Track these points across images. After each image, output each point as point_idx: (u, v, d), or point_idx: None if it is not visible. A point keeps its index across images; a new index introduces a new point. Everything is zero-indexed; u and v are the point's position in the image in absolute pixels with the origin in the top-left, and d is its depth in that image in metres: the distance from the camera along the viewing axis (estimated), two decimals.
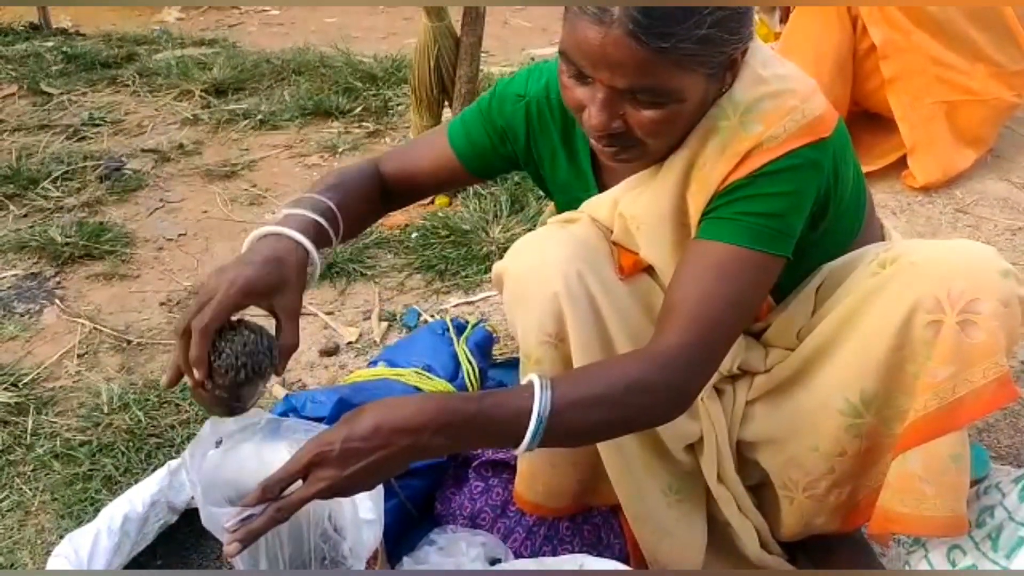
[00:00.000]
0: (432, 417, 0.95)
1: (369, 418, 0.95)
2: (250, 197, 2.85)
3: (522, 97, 1.28)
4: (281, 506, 0.95)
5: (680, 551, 1.34)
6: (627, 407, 1.03)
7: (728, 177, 1.10)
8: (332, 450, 0.93)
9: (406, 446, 0.95)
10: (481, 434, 0.99)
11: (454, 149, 1.32)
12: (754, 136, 1.08)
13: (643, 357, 1.05)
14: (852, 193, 1.22)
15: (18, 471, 1.76)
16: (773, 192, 1.08)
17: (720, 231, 1.09)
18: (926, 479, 1.09)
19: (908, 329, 1.10)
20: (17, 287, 2.37)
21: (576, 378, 1.05)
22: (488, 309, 2.24)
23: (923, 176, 2.65)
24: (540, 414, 0.96)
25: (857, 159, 1.25)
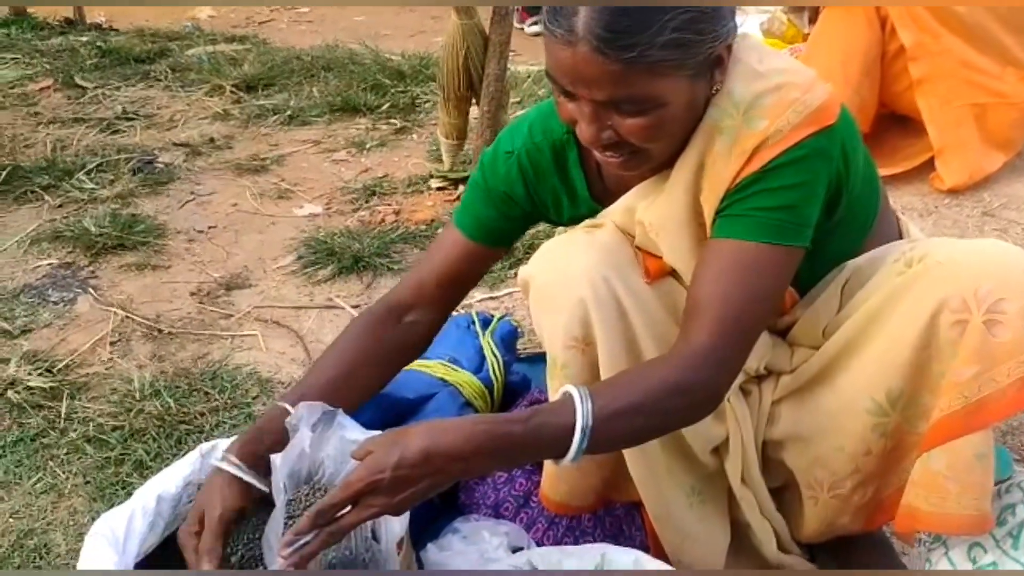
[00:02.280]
0: (481, 443, 0.99)
1: (419, 443, 0.98)
2: (278, 191, 2.90)
3: (511, 153, 1.29)
4: (333, 531, 1.00)
5: (702, 552, 1.35)
6: (665, 412, 1.06)
7: (738, 175, 1.11)
8: (383, 479, 0.97)
9: (456, 471, 1.00)
10: (528, 453, 1.03)
11: (467, 235, 1.32)
12: (759, 132, 1.10)
13: (674, 360, 1.08)
14: (864, 179, 1.22)
15: (52, 454, 1.80)
16: (784, 185, 1.09)
17: (735, 229, 1.11)
18: (951, 477, 1.10)
19: (934, 328, 1.11)
20: (52, 276, 2.42)
21: (613, 388, 1.08)
22: (512, 304, 2.26)
23: (951, 179, 2.63)
24: (584, 428, 1.00)
25: (865, 145, 1.25)
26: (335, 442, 1.15)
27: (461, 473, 1.01)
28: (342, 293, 2.33)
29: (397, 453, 0.97)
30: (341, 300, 2.29)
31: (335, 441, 1.15)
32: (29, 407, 1.90)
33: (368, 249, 2.46)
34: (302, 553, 0.99)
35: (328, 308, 2.28)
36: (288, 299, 2.32)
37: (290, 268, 2.46)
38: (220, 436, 1.80)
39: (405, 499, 0.98)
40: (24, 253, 2.53)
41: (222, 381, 1.98)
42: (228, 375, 2.00)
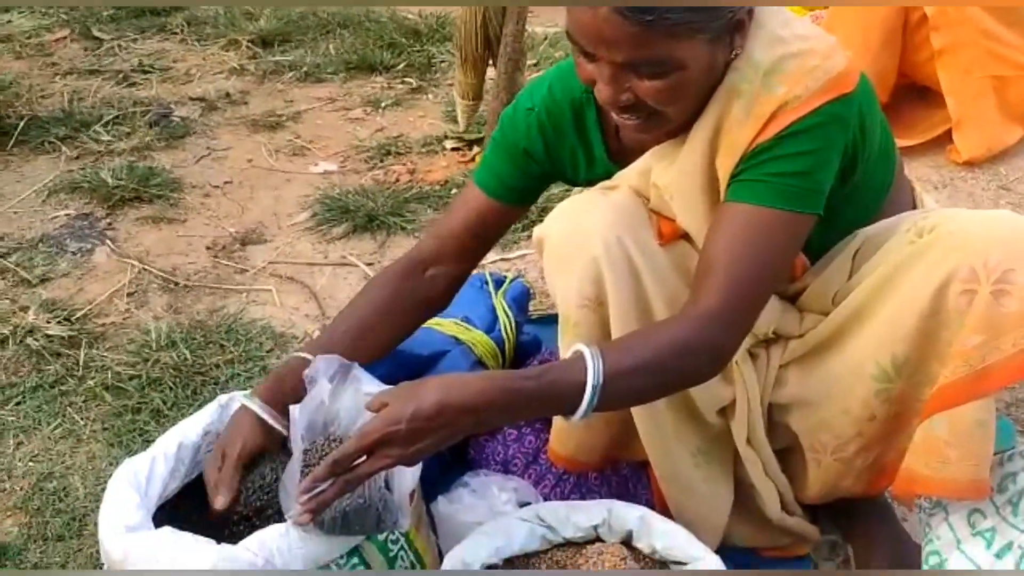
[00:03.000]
0: (494, 397, 1.02)
1: (433, 396, 1.01)
2: (293, 148, 2.90)
3: (531, 110, 1.32)
4: (349, 479, 1.03)
5: (705, 510, 1.38)
6: (673, 371, 1.09)
7: (755, 140, 1.12)
8: (399, 430, 1.00)
9: (469, 424, 1.03)
10: (539, 409, 1.07)
11: (487, 192, 1.35)
12: (778, 97, 1.10)
13: (683, 321, 1.10)
14: (880, 148, 1.23)
15: (70, 401, 1.84)
16: (799, 151, 1.10)
17: (749, 193, 1.12)
18: (951, 443, 1.11)
19: (942, 297, 1.12)
20: (70, 226, 2.44)
21: (624, 347, 1.11)
22: (524, 266, 2.28)
23: (967, 151, 2.62)
24: (594, 386, 1.02)
25: (884, 114, 1.25)
26: (351, 395, 1.18)
27: (473, 426, 1.04)
28: (356, 251, 2.35)
29: (412, 406, 1.00)
30: (355, 258, 2.31)
31: (351, 394, 1.18)
32: (48, 354, 1.94)
33: (382, 208, 2.47)
34: (319, 500, 1.03)
35: (342, 265, 2.30)
36: (302, 255, 2.34)
37: (305, 225, 2.48)
38: (235, 388, 1.83)
39: (419, 450, 1.01)
40: (42, 203, 2.55)
41: (237, 334, 2.01)
42: (243, 328, 2.03)
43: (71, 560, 1.51)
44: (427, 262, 1.37)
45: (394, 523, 1.14)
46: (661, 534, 1.15)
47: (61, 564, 1.50)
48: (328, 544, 1.13)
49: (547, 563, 1.17)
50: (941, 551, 1.20)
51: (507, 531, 1.17)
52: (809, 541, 1.45)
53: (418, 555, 1.24)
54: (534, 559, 1.17)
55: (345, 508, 1.11)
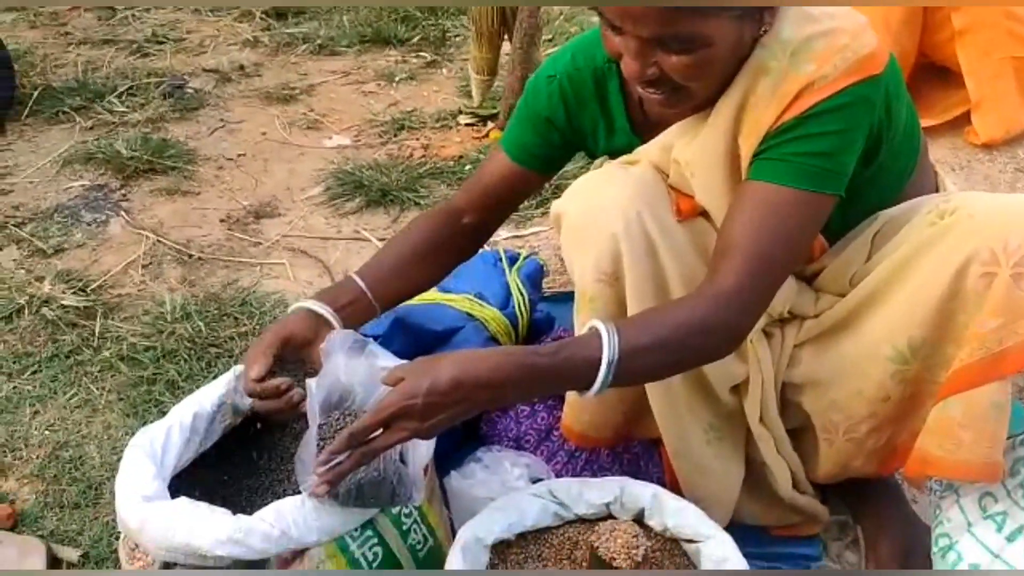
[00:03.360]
0: (510, 373, 1.02)
1: (449, 371, 1.01)
2: (308, 121, 2.90)
3: (552, 77, 1.32)
4: (365, 452, 1.04)
5: (716, 487, 1.39)
6: (688, 349, 1.09)
7: (779, 118, 1.11)
8: (415, 404, 1.00)
9: (484, 399, 1.03)
10: (554, 384, 1.07)
11: (512, 158, 1.37)
12: (805, 76, 1.09)
13: (699, 299, 1.10)
14: (905, 131, 1.22)
15: (85, 371, 1.85)
16: (824, 132, 1.09)
17: (771, 172, 1.11)
18: (965, 425, 1.11)
19: (962, 280, 1.12)
20: (84, 197, 2.45)
21: (640, 323, 1.11)
22: (538, 243, 2.27)
23: (985, 133, 2.60)
24: (609, 362, 1.03)
25: (911, 98, 1.25)
26: (366, 369, 1.18)
27: (489, 401, 1.04)
28: (369, 226, 2.35)
29: (428, 380, 1.01)
30: (368, 233, 2.32)
31: (366, 368, 1.18)
32: (63, 325, 1.95)
33: (396, 183, 2.47)
34: (336, 472, 1.04)
35: (355, 240, 2.30)
36: (316, 229, 2.35)
37: (318, 199, 2.48)
38: None
39: (435, 424, 1.02)
40: (57, 173, 2.56)
41: (251, 307, 2.02)
42: (257, 302, 2.04)
43: (87, 528, 1.53)
44: (461, 212, 1.41)
45: (408, 497, 1.15)
46: (673, 512, 1.16)
47: (77, 531, 1.52)
48: (343, 516, 1.14)
49: (559, 539, 1.18)
50: (951, 534, 1.20)
51: (520, 507, 1.18)
52: (819, 521, 1.45)
53: (431, 529, 1.25)
54: (546, 535, 1.18)
55: (360, 481, 1.11)
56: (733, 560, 1.10)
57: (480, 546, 1.12)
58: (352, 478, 1.10)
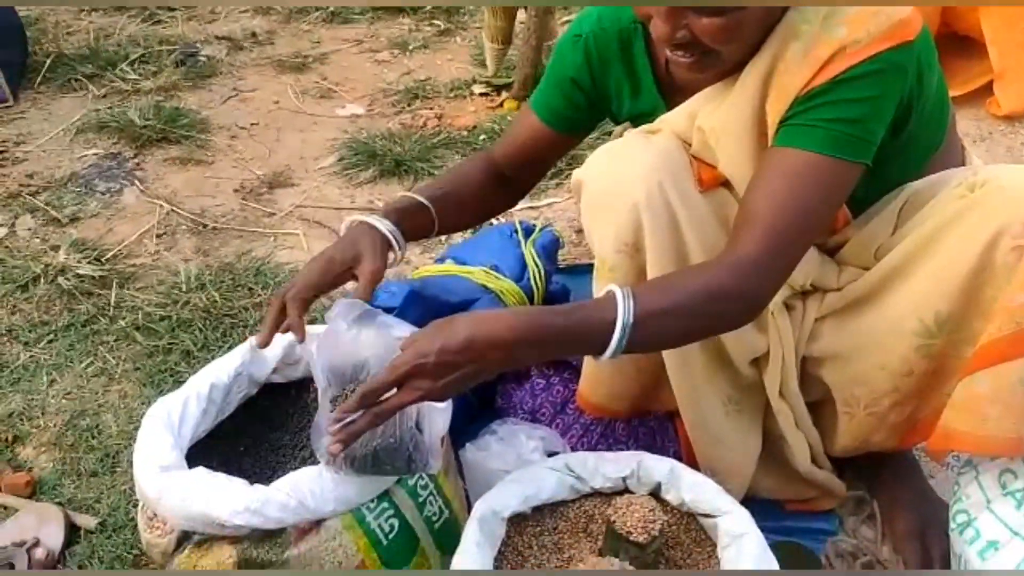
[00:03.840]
0: (523, 332, 1.00)
1: (462, 331, 0.99)
2: (320, 90, 2.88)
3: (579, 37, 1.31)
4: (379, 411, 1.02)
5: (733, 460, 1.38)
6: (705, 315, 1.06)
7: (809, 83, 1.08)
8: (428, 362, 0.99)
9: (498, 359, 1.00)
10: (568, 346, 1.04)
11: (541, 119, 1.38)
12: (837, 40, 1.07)
13: (719, 266, 1.07)
14: (935, 102, 1.20)
15: (102, 340, 1.86)
16: (854, 98, 1.07)
17: (798, 138, 1.09)
18: (992, 400, 1.09)
19: (991, 253, 1.10)
20: (98, 166, 2.45)
21: (656, 288, 1.09)
22: (552, 215, 2.26)
23: (1007, 104, 2.56)
24: (624, 325, 1.00)
25: (942, 69, 1.22)
26: (379, 339, 1.18)
27: (502, 361, 1.01)
28: (383, 196, 2.34)
29: (441, 339, 0.99)
30: (382, 203, 2.30)
31: (379, 338, 1.18)
32: (79, 294, 1.96)
33: (409, 153, 2.45)
34: (349, 431, 1.02)
35: (369, 210, 2.28)
36: (330, 199, 2.34)
37: (332, 169, 2.47)
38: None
39: (448, 384, 1.00)
40: (70, 142, 2.56)
41: (265, 277, 2.01)
42: (271, 272, 2.04)
43: (104, 496, 1.54)
44: (500, 165, 1.43)
45: (425, 464, 1.14)
46: (690, 486, 1.15)
47: (95, 499, 1.53)
48: (359, 487, 1.14)
49: (575, 512, 1.18)
50: (969, 511, 1.19)
51: (536, 480, 1.17)
52: (835, 496, 1.45)
53: (446, 501, 1.25)
54: (562, 508, 1.18)
55: (376, 446, 1.11)
56: (750, 535, 1.09)
57: (497, 519, 1.12)
58: (368, 444, 1.09)
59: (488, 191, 1.43)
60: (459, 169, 1.45)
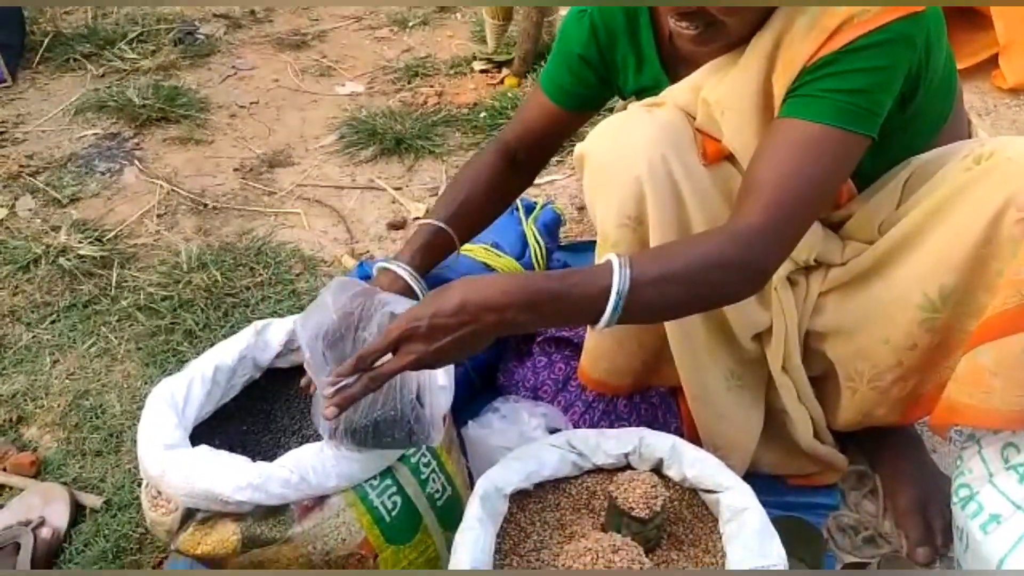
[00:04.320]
0: (517, 295, 0.98)
1: (456, 295, 0.98)
2: (320, 68, 2.86)
3: (584, 12, 1.30)
4: (374, 376, 1.01)
5: (735, 435, 1.38)
6: (704, 284, 1.04)
7: (816, 54, 1.07)
8: (420, 326, 0.98)
9: (491, 322, 0.99)
10: (563, 311, 1.02)
11: (550, 98, 1.37)
12: (845, 10, 1.05)
13: (721, 235, 1.06)
14: (943, 76, 1.18)
15: (104, 320, 1.86)
16: (862, 68, 1.05)
17: (804, 109, 1.08)
18: (997, 373, 1.08)
19: (997, 225, 1.09)
20: (98, 146, 2.44)
21: (654, 256, 1.08)
22: (554, 192, 2.25)
23: (1013, 77, 2.53)
24: (619, 291, 0.99)
25: (950, 47, 1.21)
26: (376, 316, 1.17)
27: (496, 324, 0.99)
28: (383, 175, 2.33)
29: (435, 304, 0.99)
30: (383, 182, 2.30)
31: (376, 315, 1.17)
32: (80, 274, 1.95)
33: (410, 131, 2.44)
34: (344, 395, 1.02)
35: (369, 189, 2.28)
36: (330, 178, 2.33)
37: (332, 147, 2.46)
38: (266, 310, 1.85)
39: (442, 348, 0.99)
40: (70, 122, 2.54)
41: (266, 257, 2.01)
42: (272, 251, 2.03)
43: (109, 475, 1.54)
44: (513, 148, 1.43)
45: (426, 437, 1.14)
46: (692, 462, 1.15)
47: (100, 479, 1.54)
48: (362, 463, 1.14)
49: (577, 488, 1.18)
50: (972, 484, 1.19)
51: (538, 457, 1.17)
52: (837, 470, 1.45)
53: (449, 478, 1.25)
54: (564, 484, 1.18)
55: (376, 417, 1.11)
56: (752, 509, 1.09)
57: (499, 495, 1.13)
58: (368, 415, 1.09)
59: (502, 182, 1.43)
60: (470, 169, 1.43)
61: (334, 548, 1.14)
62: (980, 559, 1.13)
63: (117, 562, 1.41)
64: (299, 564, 1.14)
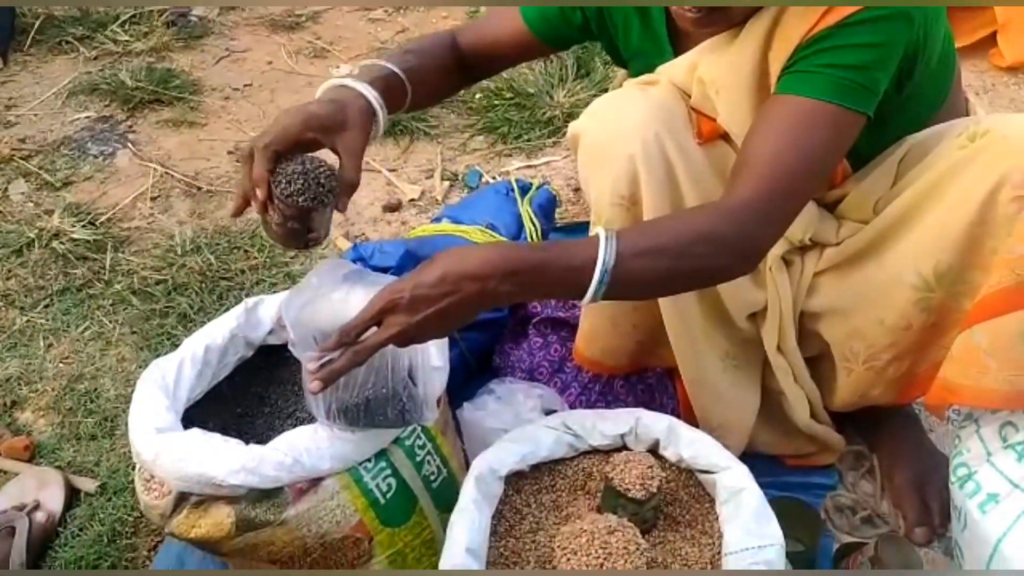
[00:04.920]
0: (498, 265, 0.97)
1: (437, 267, 0.97)
2: (314, 50, 2.83)
3: None
4: (358, 349, 1.00)
5: (732, 416, 1.38)
6: (693, 258, 1.02)
7: (813, 28, 1.05)
8: (402, 297, 0.97)
9: (473, 292, 0.97)
10: (547, 282, 1.00)
11: (527, 22, 1.30)
12: None
13: (712, 209, 1.05)
14: (941, 56, 1.17)
15: (98, 304, 1.85)
16: (858, 43, 1.03)
17: (800, 85, 1.06)
18: (991, 353, 1.08)
19: (992, 204, 1.08)
20: (90, 129, 2.42)
21: (642, 229, 1.07)
22: (550, 173, 2.24)
23: (1011, 55, 2.52)
24: (605, 263, 0.96)
25: (950, 27, 1.19)
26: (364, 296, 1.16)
27: (478, 295, 0.97)
28: (379, 156, 2.31)
29: (416, 276, 0.97)
30: (378, 164, 2.28)
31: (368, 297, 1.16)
32: (74, 258, 1.94)
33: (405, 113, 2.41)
34: (330, 369, 1.00)
35: (365, 171, 2.24)
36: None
37: None
38: (260, 292, 1.84)
39: (425, 320, 0.97)
40: (62, 105, 2.52)
41: (261, 240, 2.00)
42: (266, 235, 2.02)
43: (104, 459, 1.54)
44: (463, 50, 1.33)
45: (419, 416, 1.13)
46: (688, 443, 1.15)
47: (94, 463, 1.53)
48: (356, 445, 1.14)
49: (573, 470, 1.17)
50: (970, 464, 1.18)
51: (534, 438, 1.17)
52: (834, 451, 1.45)
53: (444, 460, 1.25)
54: (560, 466, 1.18)
55: (368, 396, 1.10)
56: (749, 490, 1.09)
57: (494, 477, 1.12)
58: (359, 393, 1.08)
59: (449, 72, 1.32)
60: (424, 44, 1.31)
61: (329, 531, 1.14)
62: (978, 539, 1.13)
63: (112, 546, 1.41)
64: (294, 547, 1.13)
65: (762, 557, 1.02)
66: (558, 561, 1.01)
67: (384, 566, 1.19)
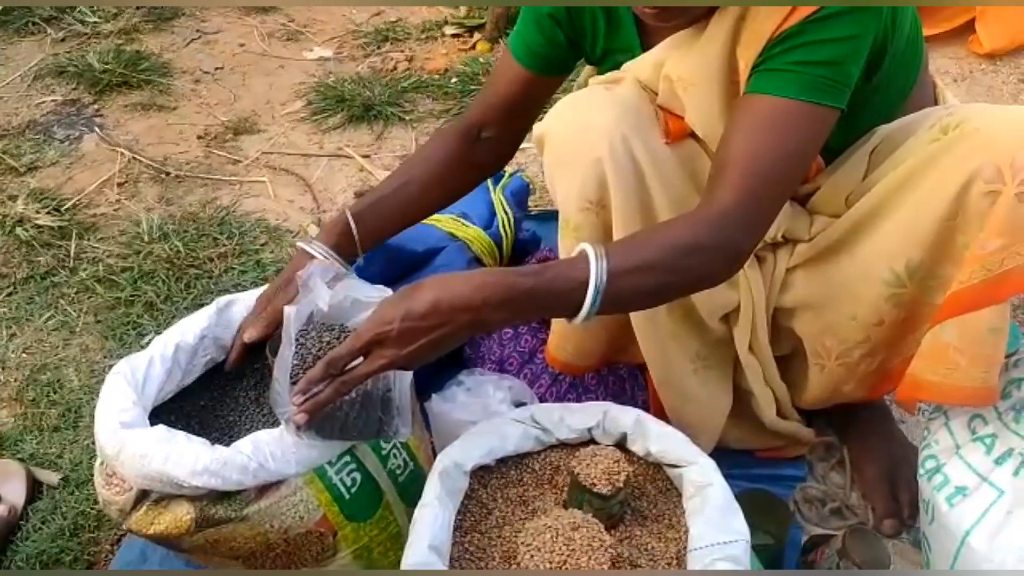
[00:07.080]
0: (490, 293, 0.95)
1: (428, 295, 0.95)
2: (287, 33, 2.79)
3: None
4: (345, 380, 0.99)
5: (703, 416, 1.37)
6: (681, 271, 1.02)
7: (782, 25, 1.04)
8: (392, 329, 0.95)
9: (465, 322, 0.96)
10: (539, 307, 1.00)
11: (519, 61, 1.29)
12: None
13: (695, 219, 1.04)
14: (908, 41, 1.15)
15: (62, 293, 1.81)
16: (828, 38, 1.02)
17: (772, 84, 1.04)
18: (961, 350, 1.07)
19: (964, 198, 1.06)
20: (57, 113, 2.37)
21: (629, 246, 1.04)
22: (525, 160, 2.21)
23: (989, 42, 2.51)
24: (597, 285, 0.96)
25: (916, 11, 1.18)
26: (347, 302, 1.14)
27: (470, 325, 0.97)
28: (352, 142, 2.28)
29: (406, 305, 0.96)
30: (351, 149, 2.25)
31: (346, 300, 1.14)
32: (38, 245, 1.91)
33: (379, 97, 2.39)
34: (314, 401, 1.00)
35: (337, 157, 2.24)
36: (297, 146, 2.28)
37: (299, 114, 2.40)
38: (229, 281, 1.81)
39: (415, 350, 0.97)
40: (28, 88, 2.47)
41: (230, 227, 1.97)
42: (236, 221, 1.99)
43: (67, 451, 1.51)
44: (478, 125, 1.34)
45: (395, 432, 1.12)
46: (656, 437, 1.13)
47: (57, 455, 1.51)
48: (322, 448, 1.11)
49: (540, 464, 1.16)
50: (939, 456, 1.18)
51: (500, 432, 1.15)
52: (804, 444, 1.44)
53: (411, 453, 1.23)
54: (527, 460, 1.16)
55: (343, 413, 1.08)
56: (716, 485, 1.08)
57: (459, 471, 1.10)
58: (335, 411, 1.07)
59: (461, 165, 1.34)
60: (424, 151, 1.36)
61: (292, 526, 1.12)
62: (946, 531, 1.13)
63: (74, 540, 1.39)
64: (255, 542, 1.11)
65: (727, 552, 1.01)
66: (521, 558, 1.00)
67: (349, 561, 1.18)
